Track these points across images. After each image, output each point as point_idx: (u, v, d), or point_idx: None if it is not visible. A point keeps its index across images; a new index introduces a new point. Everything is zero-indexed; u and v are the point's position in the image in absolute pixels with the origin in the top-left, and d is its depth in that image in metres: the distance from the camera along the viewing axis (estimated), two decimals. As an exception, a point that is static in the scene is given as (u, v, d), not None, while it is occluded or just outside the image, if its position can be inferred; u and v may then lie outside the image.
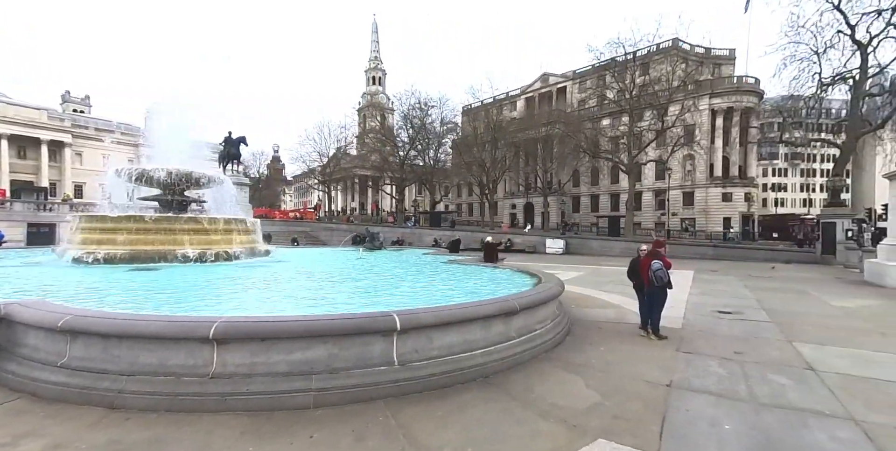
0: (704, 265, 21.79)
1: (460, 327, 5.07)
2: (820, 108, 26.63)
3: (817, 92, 25.07)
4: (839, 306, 10.03)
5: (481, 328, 5.28)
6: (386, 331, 4.57)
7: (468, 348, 5.08)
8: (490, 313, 5.32)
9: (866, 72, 23.03)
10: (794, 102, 27.16)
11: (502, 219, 66.98)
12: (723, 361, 5.64)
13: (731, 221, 47.53)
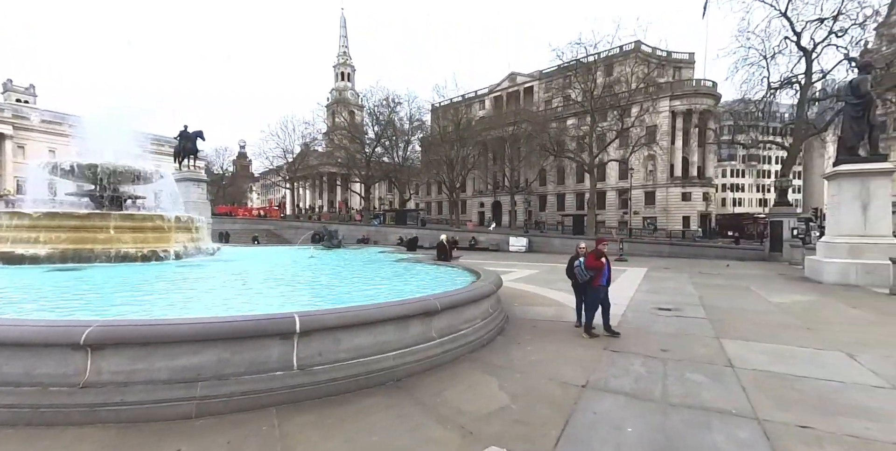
0: (660, 263, 22.28)
1: (372, 329, 4.79)
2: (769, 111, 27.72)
3: (766, 96, 26.10)
4: (775, 302, 10.29)
5: (396, 329, 5.01)
6: (285, 334, 4.25)
7: (380, 351, 4.80)
8: (405, 314, 5.05)
9: (811, 77, 24.12)
10: (745, 106, 28.18)
11: (471, 217, 67.21)
12: (647, 359, 5.57)
13: (690, 220, 49.16)
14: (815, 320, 8.26)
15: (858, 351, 6.01)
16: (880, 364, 5.40)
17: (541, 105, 54.46)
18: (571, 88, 34.03)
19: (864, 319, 8.44)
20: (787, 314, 8.78)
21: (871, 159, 14.10)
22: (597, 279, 6.92)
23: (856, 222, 14.14)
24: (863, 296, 11.36)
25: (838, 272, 13.95)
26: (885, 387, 4.60)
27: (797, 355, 5.83)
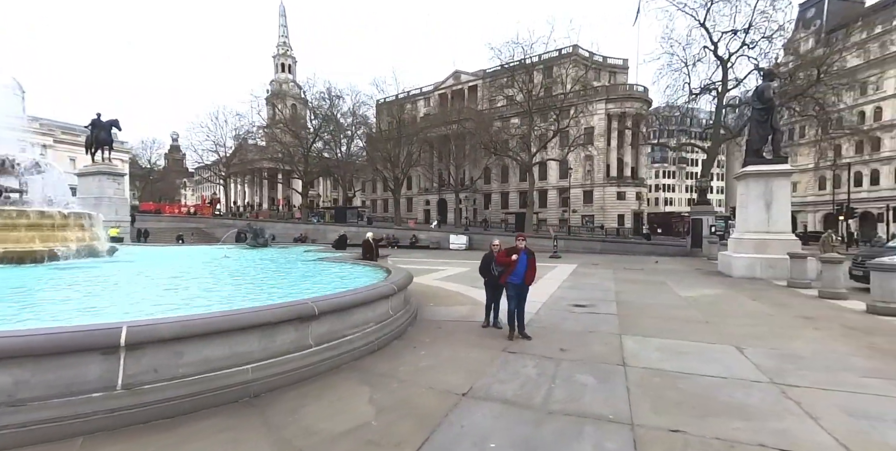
0: (591, 259, 22.91)
1: (228, 338, 4.15)
2: (691, 116, 29.43)
3: (688, 101, 27.68)
4: (685, 297, 10.62)
5: (261, 338, 4.39)
6: (107, 348, 3.53)
7: (237, 363, 4.17)
8: (272, 320, 4.44)
9: (727, 85, 25.82)
10: (670, 110, 29.74)
11: (416, 215, 66.70)
12: (542, 360, 5.33)
13: (624, 218, 51.46)
14: (716, 313, 8.52)
15: (748, 344, 6.12)
16: (764, 357, 5.48)
17: (485, 104, 54.85)
18: (511, 87, 34.36)
19: (760, 311, 8.82)
20: (691, 308, 9.01)
21: (774, 161, 15.09)
22: (504, 276, 6.63)
23: (760, 220, 15.08)
24: (764, 289, 12.03)
25: (745, 267, 14.83)
26: (762, 381, 4.60)
27: (690, 350, 5.83)
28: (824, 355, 5.67)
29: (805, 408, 3.89)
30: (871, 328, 7.21)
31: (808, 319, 7.98)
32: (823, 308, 9.11)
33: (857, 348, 6.02)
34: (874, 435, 3.40)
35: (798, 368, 5.09)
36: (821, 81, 23.60)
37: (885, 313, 8.29)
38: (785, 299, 10.24)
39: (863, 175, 46.31)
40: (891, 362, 5.38)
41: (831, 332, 6.95)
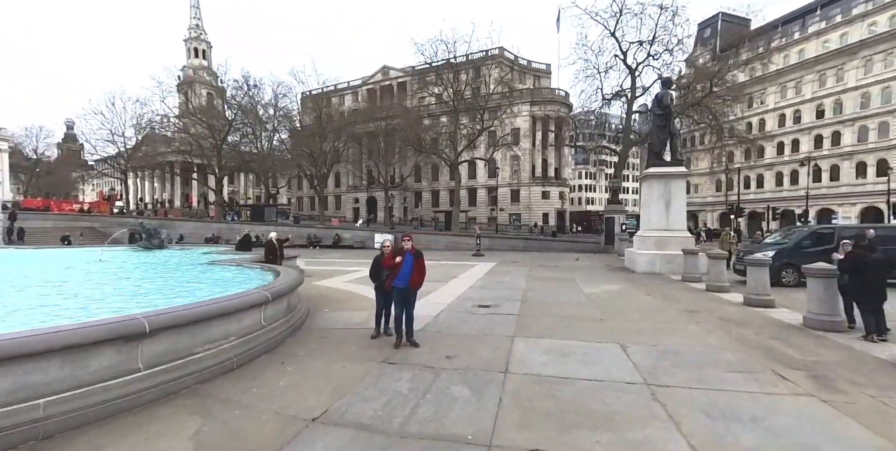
0: (512, 257, 23.27)
1: (12, 367, 3.27)
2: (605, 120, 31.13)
3: (601, 106, 29.24)
4: (587, 293, 10.86)
5: (64, 364, 3.54)
6: None
7: (27, 397, 3.30)
8: (83, 341, 3.59)
9: (635, 92, 27.55)
10: (586, 114, 31.22)
11: (345, 213, 64.77)
12: (422, 371, 4.92)
13: (549, 217, 53.54)
14: (612, 310, 8.70)
15: (633, 341, 6.18)
16: (644, 355, 5.51)
17: (414, 101, 54.36)
18: (438, 85, 34.19)
19: (652, 306, 9.16)
20: (590, 306, 9.15)
21: (672, 164, 16.11)
22: (389, 280, 6.15)
23: (661, 218, 16.02)
24: (661, 283, 12.70)
25: (647, 262, 15.68)
26: (637, 382, 4.53)
27: (577, 351, 5.74)
28: (698, 349, 5.83)
29: (670, 411, 3.81)
30: (743, 320, 7.67)
31: (692, 312, 8.38)
32: (707, 301, 9.68)
33: (727, 341, 6.30)
34: (727, 438, 3.35)
35: (672, 365, 5.14)
36: (713, 93, 26.00)
37: (758, 304, 8.95)
38: (676, 294, 10.80)
39: (750, 179, 52.02)
40: (753, 353, 5.63)
41: (708, 325, 7.28)
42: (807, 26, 46.63)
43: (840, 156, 43.36)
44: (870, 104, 41.05)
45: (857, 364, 5.22)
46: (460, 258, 22.03)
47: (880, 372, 4.93)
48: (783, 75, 48.11)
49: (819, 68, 44.72)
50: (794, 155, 46.04)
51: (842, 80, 43.13)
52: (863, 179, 41.37)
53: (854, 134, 42.30)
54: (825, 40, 44.30)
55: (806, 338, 6.47)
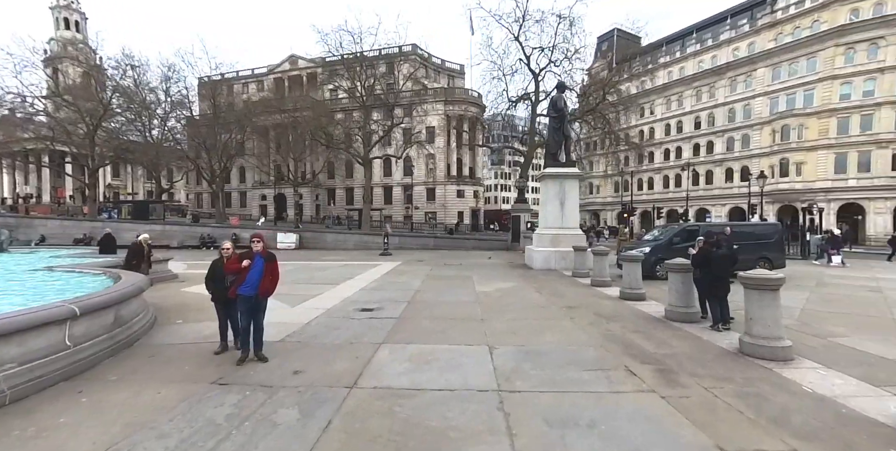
0: (420, 256, 22.92)
1: None
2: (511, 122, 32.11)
3: (508, 108, 30.14)
4: (479, 292, 10.76)
5: None
6: None
7: None
8: None
9: (539, 95, 28.73)
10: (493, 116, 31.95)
11: (251, 211, 60.38)
12: (254, 392, 4.22)
13: (464, 215, 54.37)
14: (497, 308, 8.60)
15: (504, 342, 6.01)
16: (509, 357, 5.32)
17: (326, 94, 52.04)
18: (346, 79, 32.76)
19: (537, 303, 9.24)
20: (477, 305, 8.99)
21: (567, 165, 16.80)
22: (234, 287, 5.32)
23: (556, 216, 16.63)
24: (552, 279, 13.07)
25: (543, 259, 16.18)
26: (489, 390, 4.26)
27: (443, 356, 5.39)
28: (564, 348, 5.79)
29: (511, 422, 3.55)
30: (614, 315, 7.95)
31: (572, 308, 8.55)
32: (588, 296, 10.03)
33: (595, 337, 6.38)
34: (557, 449, 3.12)
35: (533, 366, 4.98)
36: (606, 101, 27.97)
37: (630, 298, 9.42)
38: (564, 290, 11.11)
39: (643, 181, 57.24)
40: (613, 349, 5.71)
41: (582, 321, 7.41)
42: (685, 47, 52.35)
43: (713, 162, 49.22)
44: (735, 118, 47.12)
45: (701, 355, 5.48)
46: (366, 258, 21.21)
47: (718, 362, 5.19)
48: (668, 89, 53.54)
49: (696, 85, 50.41)
50: (677, 161, 51.43)
51: (713, 96, 49.02)
52: (730, 183, 47.36)
53: (724, 144, 48.28)
54: (700, 60, 50.05)
55: (664, 330, 6.79)
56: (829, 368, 4.93)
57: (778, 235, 14.06)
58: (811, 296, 10.25)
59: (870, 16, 37.05)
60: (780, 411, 3.77)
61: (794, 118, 40.94)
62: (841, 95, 38.91)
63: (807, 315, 8.09)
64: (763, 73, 44.01)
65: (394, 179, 55.27)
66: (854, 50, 38.09)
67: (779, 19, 42.54)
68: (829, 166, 39.51)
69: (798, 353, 5.42)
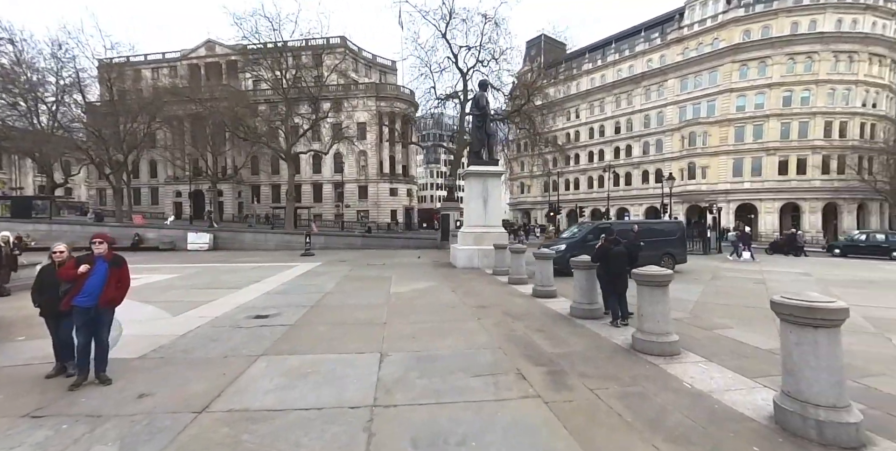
0: (344, 256, 21.99)
1: None
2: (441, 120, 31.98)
3: (436, 106, 29.96)
4: (393, 293, 10.29)
5: None
6: None
7: None
8: None
9: (467, 94, 28.79)
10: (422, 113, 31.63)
11: (164, 209, 55.33)
12: (73, 425, 3.44)
13: (397, 213, 53.63)
14: (405, 310, 8.19)
15: (400, 348, 5.60)
16: (399, 365, 4.91)
17: (248, 84, 48.82)
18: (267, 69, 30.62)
19: (450, 303, 8.94)
20: (385, 307, 8.51)
21: (489, 163, 16.80)
22: (69, 297, 4.42)
23: (479, 215, 16.57)
24: (472, 278, 12.91)
25: (466, 258, 16.05)
26: (362, 406, 3.80)
27: (324, 368, 4.86)
28: (461, 351, 5.50)
29: (373, 444, 3.13)
30: (523, 313, 7.84)
31: (482, 308, 8.35)
32: (503, 295, 9.92)
33: (497, 337, 6.16)
34: (417, 476, 2.75)
35: (421, 375, 4.61)
36: (532, 103, 28.73)
37: (542, 295, 9.43)
38: (481, 288, 10.94)
39: (570, 181, 59.94)
40: (512, 350, 5.51)
41: (489, 321, 7.20)
42: (606, 56, 55.49)
43: (631, 165, 52.61)
44: (650, 124, 50.68)
45: (595, 353, 5.42)
46: (285, 259, 19.95)
47: (610, 360, 5.14)
48: (591, 95, 56.46)
49: (615, 92, 53.59)
50: (600, 163, 54.36)
51: (631, 103, 52.40)
52: (647, 184, 50.87)
53: (641, 148, 51.78)
54: (619, 69, 53.28)
55: (566, 328, 6.74)
56: (710, 361, 5.05)
57: (680, 232, 15.04)
58: (706, 289, 10.95)
59: (759, 37, 41.43)
60: (658, 411, 3.69)
61: (699, 126, 44.78)
62: (737, 107, 43.17)
63: (699, 308, 8.53)
64: (673, 84, 47.71)
65: (324, 176, 53.28)
66: (747, 66, 42.40)
67: (685, 35, 46.33)
68: (728, 170, 43.69)
69: (686, 346, 5.55)
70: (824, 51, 39.93)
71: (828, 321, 3.18)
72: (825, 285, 11.68)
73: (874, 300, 9.37)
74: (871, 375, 4.70)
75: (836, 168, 40.91)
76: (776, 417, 3.45)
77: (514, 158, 63.00)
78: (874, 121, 41.83)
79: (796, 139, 41.25)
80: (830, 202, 41.30)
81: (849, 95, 40.73)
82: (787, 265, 17.38)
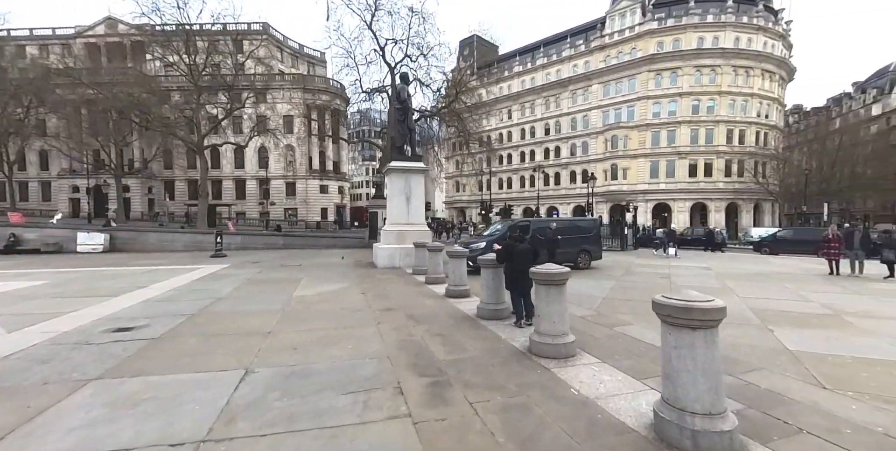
0: (259, 256, 20.44)
1: None
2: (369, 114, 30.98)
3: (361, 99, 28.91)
4: (298, 296, 9.44)
5: None
6: None
7: None
8: None
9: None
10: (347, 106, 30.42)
11: (57, 205, 48.98)
12: None
13: (328, 212, 51.62)
14: (302, 316, 7.43)
15: (273, 362, 4.88)
16: (261, 385, 4.21)
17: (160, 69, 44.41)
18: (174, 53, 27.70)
19: (354, 307, 8.28)
20: (279, 314, 7.67)
21: (412, 159, 16.27)
22: None
23: (402, 212, 16.00)
24: (389, 279, 12.30)
25: (388, 257, 15.42)
26: (186, 443, 3.09)
27: (166, 393, 4.04)
28: (344, 363, 4.90)
29: (174, 499, 2.44)
30: (429, 315, 7.39)
31: (388, 311, 7.80)
32: (415, 296, 9.42)
33: (391, 345, 5.64)
34: None
35: (285, 394, 3.96)
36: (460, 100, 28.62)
37: (454, 295, 9.06)
38: (394, 289, 10.38)
39: (503, 181, 61.15)
40: (400, 359, 5.00)
41: (388, 326, 6.66)
42: (535, 59, 57.23)
43: (560, 166, 54.65)
44: (577, 127, 52.93)
45: (490, 358, 5.07)
46: (191, 261, 18.11)
47: (503, 366, 4.81)
48: (522, 97, 57.96)
49: (545, 94, 55.41)
50: (531, 163, 55.96)
51: (559, 106, 54.43)
52: (574, 184, 53.09)
53: (569, 149, 53.92)
54: (547, 72, 55.15)
55: (469, 330, 6.38)
56: (603, 362, 4.87)
57: (596, 229, 15.48)
58: (616, 285, 11.21)
59: (671, 49, 44.66)
60: (536, 426, 3.34)
61: (620, 130, 47.44)
62: (653, 113, 46.25)
63: (605, 304, 8.59)
64: (597, 89, 50.17)
65: (247, 172, 50.00)
66: (661, 76, 45.56)
67: (606, 43, 48.89)
68: (646, 172, 46.71)
69: (584, 346, 5.37)
70: (725, 65, 43.90)
71: (705, 322, 2.98)
72: (722, 279, 12.46)
73: (762, 292, 10.02)
74: (753, 369, 4.74)
75: (736, 171, 45.20)
76: (655, 426, 3.22)
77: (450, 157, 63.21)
78: (767, 130, 46.72)
79: (703, 145, 45.00)
80: (732, 202, 45.56)
81: (746, 105, 45.12)
82: (697, 260, 18.55)
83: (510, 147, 60.07)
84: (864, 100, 63.66)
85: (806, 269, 15.27)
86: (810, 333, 6.35)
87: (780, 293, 9.90)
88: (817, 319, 7.26)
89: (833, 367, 4.79)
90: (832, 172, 40.30)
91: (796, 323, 6.94)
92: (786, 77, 49.00)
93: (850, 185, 40.26)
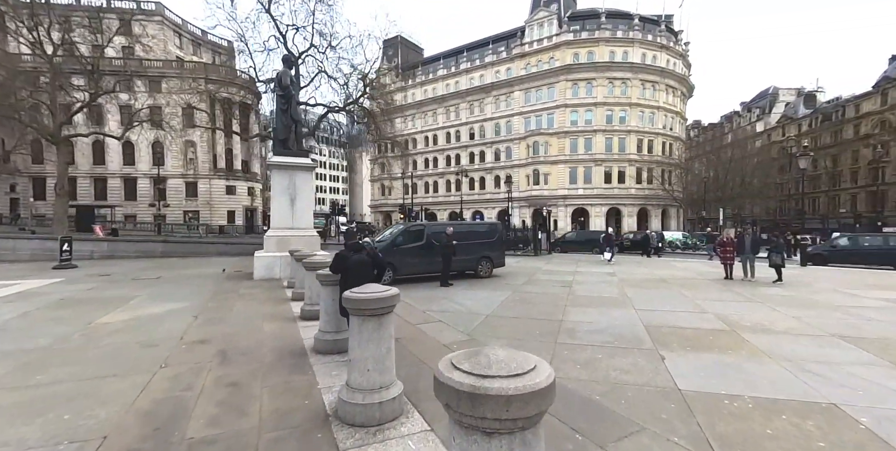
0: (122, 267, 17.08)
1: None
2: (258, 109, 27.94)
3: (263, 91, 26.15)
4: (95, 324, 7.11)
5: None
6: None
7: None
8: None
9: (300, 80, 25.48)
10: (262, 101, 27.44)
11: None
12: None
13: (235, 215, 47.15)
14: (67, 357, 5.25)
15: None
16: None
17: (17, 47, 37.73)
18: (29, 28, 22.81)
19: (158, 337, 6.20)
20: (41, 352, 5.42)
21: (297, 154, 14.22)
22: None
23: (286, 215, 13.89)
24: (251, 294, 10.21)
25: (265, 267, 13.24)
26: None
27: None
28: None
29: None
30: (247, 350, 5.55)
31: (200, 344, 5.85)
32: (258, 319, 7.48)
33: (134, 411, 3.76)
34: None
35: None
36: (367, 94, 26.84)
37: (308, 317, 7.28)
38: (240, 311, 8.33)
39: (429, 184, 60.02)
40: (117, 439, 3.16)
41: (171, 371, 4.74)
42: (459, 63, 57.03)
43: (485, 170, 54.61)
44: (500, 132, 53.23)
45: (271, 431, 3.39)
46: (20, 275, 14.57)
47: (278, 446, 3.14)
48: (447, 100, 57.40)
49: (469, 99, 55.27)
50: (457, 166, 55.38)
51: (483, 111, 54.51)
52: (498, 189, 53.18)
53: (493, 154, 54.03)
54: (471, 77, 55.12)
55: (284, 375, 4.65)
56: (433, 430, 3.38)
57: (498, 234, 14.38)
58: (509, 297, 10.04)
59: (586, 60, 46.31)
60: None
61: (541, 136, 48.27)
62: (571, 121, 47.59)
63: (485, 325, 7.26)
64: (519, 96, 50.81)
65: (138, 169, 44.31)
66: (578, 85, 47.06)
67: (526, 52, 49.76)
68: (566, 178, 47.86)
69: (418, 398, 3.86)
70: (634, 79, 46.31)
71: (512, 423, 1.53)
72: (623, 286, 11.84)
73: (659, 302, 9.33)
74: (631, 432, 3.50)
75: (646, 179, 47.73)
76: None
77: (375, 160, 60.98)
78: (671, 141, 49.97)
79: (617, 153, 47.03)
80: (643, 207, 48.00)
81: (653, 117, 47.91)
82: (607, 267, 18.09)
83: (436, 150, 59.20)
84: (749, 118, 71.15)
85: (704, 272, 15.37)
86: (705, 358, 5.41)
87: (676, 303, 9.27)
88: (712, 336, 6.45)
89: (731, 420, 3.70)
90: (727, 181, 43.85)
91: (690, 344, 6.03)
92: (686, 93, 52.94)
93: (741, 192, 44.05)
